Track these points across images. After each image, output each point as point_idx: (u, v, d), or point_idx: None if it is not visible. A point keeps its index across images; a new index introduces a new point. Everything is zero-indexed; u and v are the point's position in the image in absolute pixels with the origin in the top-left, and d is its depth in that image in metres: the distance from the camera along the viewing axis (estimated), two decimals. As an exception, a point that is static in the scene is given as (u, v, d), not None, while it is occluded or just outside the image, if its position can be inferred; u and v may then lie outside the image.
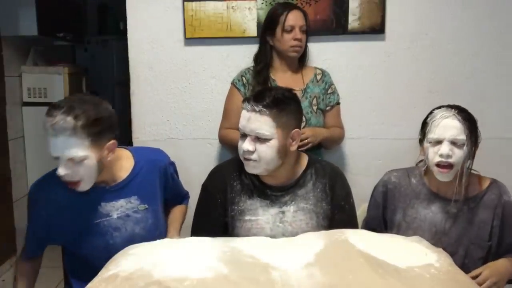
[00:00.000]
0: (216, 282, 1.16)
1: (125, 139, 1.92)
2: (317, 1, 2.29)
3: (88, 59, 4.43)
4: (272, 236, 1.52)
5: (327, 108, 2.15)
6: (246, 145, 1.50)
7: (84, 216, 1.51)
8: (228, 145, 2.14)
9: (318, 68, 2.20)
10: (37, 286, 1.64)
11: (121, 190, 1.55)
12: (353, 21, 2.31)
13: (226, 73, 2.37)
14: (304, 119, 2.02)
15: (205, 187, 1.66)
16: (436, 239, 1.55)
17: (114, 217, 1.53)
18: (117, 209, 1.54)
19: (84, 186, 1.45)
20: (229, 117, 2.12)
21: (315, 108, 2.10)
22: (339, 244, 1.36)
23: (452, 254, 1.45)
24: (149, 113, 2.43)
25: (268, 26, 2.11)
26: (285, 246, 1.39)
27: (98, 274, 1.26)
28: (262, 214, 1.56)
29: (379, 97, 2.38)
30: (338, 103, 2.18)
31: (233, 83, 2.17)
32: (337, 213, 1.60)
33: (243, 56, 2.34)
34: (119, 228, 1.53)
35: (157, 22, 2.37)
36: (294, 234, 1.53)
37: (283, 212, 1.57)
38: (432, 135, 1.53)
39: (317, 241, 1.38)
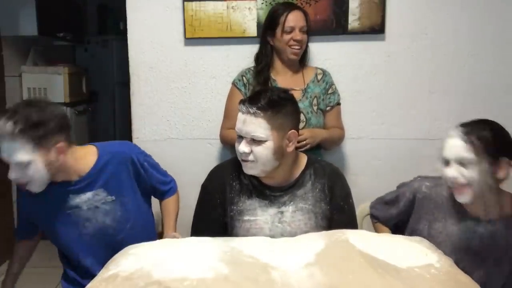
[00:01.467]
0: (216, 282, 1.16)
1: (126, 139, 1.93)
2: (317, 1, 2.29)
3: (88, 59, 4.44)
4: (271, 236, 1.51)
5: (327, 108, 2.15)
6: (242, 147, 1.51)
7: (57, 206, 1.58)
8: (229, 145, 2.15)
9: (319, 68, 2.20)
10: (38, 286, 1.64)
11: (86, 184, 1.59)
12: (353, 21, 2.32)
13: (226, 73, 2.38)
14: (304, 119, 2.02)
15: (204, 187, 1.66)
16: (458, 258, 1.47)
17: (84, 208, 1.59)
18: (85, 201, 1.59)
19: (35, 188, 1.49)
20: (230, 117, 2.12)
21: (315, 108, 2.10)
22: (339, 244, 1.36)
23: (471, 274, 1.37)
24: (149, 113, 2.43)
25: (269, 26, 2.11)
26: (285, 246, 1.39)
27: (98, 274, 1.26)
28: (261, 214, 1.57)
29: (379, 97, 2.38)
30: (338, 104, 2.18)
31: (233, 83, 2.17)
32: (336, 214, 1.60)
33: (243, 56, 2.34)
34: (90, 219, 1.59)
35: (157, 22, 2.37)
36: (293, 234, 1.53)
37: (282, 212, 1.57)
38: (442, 155, 1.49)
39: (317, 241, 1.38)
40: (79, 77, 3.71)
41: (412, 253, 1.33)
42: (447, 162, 1.46)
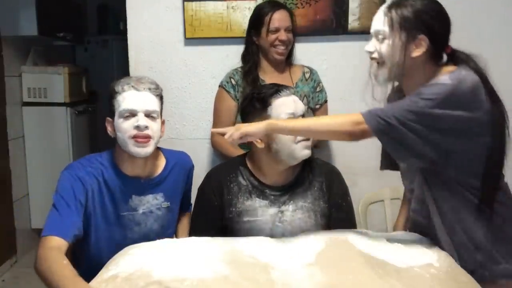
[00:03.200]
0: (216, 282, 1.16)
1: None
2: (317, 1, 2.29)
3: (88, 59, 4.43)
4: (272, 236, 1.51)
5: (317, 106, 2.14)
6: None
7: (114, 204, 1.53)
8: (219, 152, 2.13)
9: (305, 67, 2.19)
10: (37, 286, 1.64)
11: (152, 186, 1.58)
12: (353, 21, 2.31)
13: (226, 73, 2.37)
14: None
15: (201, 189, 1.66)
16: None
17: (139, 212, 1.56)
18: (144, 204, 1.56)
19: (149, 149, 1.50)
20: (220, 121, 2.09)
21: (305, 107, 2.09)
22: (339, 244, 1.36)
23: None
24: (149, 113, 2.42)
25: (254, 25, 2.09)
26: (285, 246, 1.39)
27: (98, 274, 1.26)
28: (261, 215, 1.56)
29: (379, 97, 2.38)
30: (326, 101, 2.18)
31: (221, 86, 2.14)
32: (334, 212, 1.61)
33: (243, 56, 2.34)
34: (140, 223, 1.56)
35: (157, 22, 2.37)
36: (293, 233, 1.53)
37: (282, 212, 1.57)
38: None
39: (317, 241, 1.38)
40: (79, 77, 3.70)
41: (412, 252, 1.33)
42: (370, 37, 1.40)
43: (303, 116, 1.56)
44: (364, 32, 2.32)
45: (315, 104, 2.14)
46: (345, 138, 1.41)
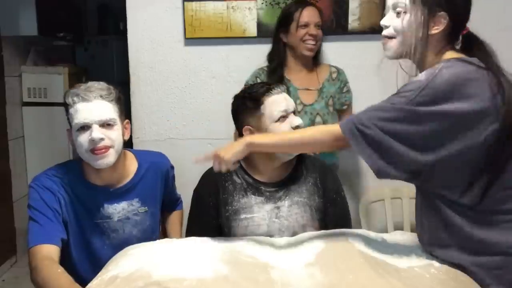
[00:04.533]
0: (216, 282, 1.16)
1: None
2: (317, 1, 2.28)
3: (88, 59, 4.43)
4: (269, 232, 1.52)
5: (344, 107, 2.13)
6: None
7: (88, 213, 1.50)
8: None
9: (332, 66, 2.18)
10: (37, 286, 1.63)
11: (124, 192, 1.54)
12: (353, 21, 2.31)
13: (226, 73, 2.38)
14: (321, 120, 2.04)
15: (196, 191, 1.67)
16: None
17: (114, 219, 1.52)
18: (119, 212, 1.53)
19: (110, 158, 1.44)
20: None
21: (331, 108, 2.08)
22: (339, 244, 1.36)
23: None
24: (149, 113, 2.43)
25: (282, 23, 2.10)
26: (285, 246, 1.39)
27: (98, 275, 1.26)
28: (258, 211, 1.57)
29: (379, 97, 2.37)
30: (351, 102, 2.17)
31: (246, 85, 2.14)
32: (329, 207, 1.62)
33: (243, 56, 2.34)
34: (117, 230, 1.53)
35: (157, 22, 2.37)
36: (290, 228, 1.54)
37: (278, 208, 1.57)
38: None
39: (317, 241, 1.38)
40: (79, 77, 3.70)
41: (412, 252, 1.33)
42: (387, 10, 1.34)
43: (294, 113, 1.57)
44: (364, 32, 2.32)
45: (342, 105, 2.13)
46: (328, 150, 1.37)
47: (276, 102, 1.53)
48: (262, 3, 2.31)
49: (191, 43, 2.38)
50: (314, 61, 2.16)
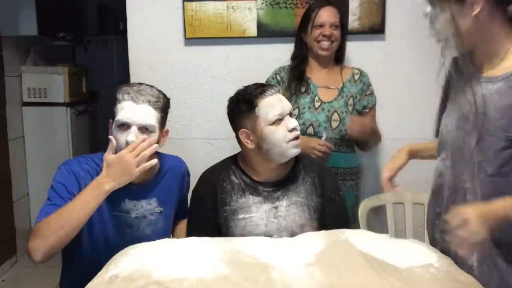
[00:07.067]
0: (216, 282, 1.16)
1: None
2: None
3: (88, 59, 4.44)
4: (267, 232, 1.53)
5: (366, 110, 2.13)
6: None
7: (108, 203, 1.51)
8: None
9: (356, 68, 2.18)
10: (37, 286, 1.63)
11: (146, 191, 1.57)
12: (353, 21, 2.32)
13: (226, 73, 2.38)
14: (338, 118, 2.04)
15: (194, 192, 1.67)
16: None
17: (132, 215, 1.55)
18: (138, 209, 1.56)
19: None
20: None
21: (350, 108, 2.08)
22: (339, 244, 1.36)
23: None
24: (149, 113, 2.42)
25: (303, 23, 2.10)
26: (285, 246, 1.39)
27: (98, 275, 1.26)
28: (256, 211, 1.57)
29: (379, 97, 2.38)
30: (374, 105, 2.17)
31: (267, 82, 2.14)
32: (328, 206, 1.62)
33: (243, 56, 2.34)
34: (133, 226, 1.56)
35: (157, 22, 2.37)
36: (288, 228, 1.55)
37: (276, 207, 1.58)
38: None
39: (317, 241, 1.38)
40: (79, 77, 3.71)
41: (412, 253, 1.33)
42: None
43: (290, 114, 1.56)
44: (364, 32, 2.33)
45: (363, 107, 2.13)
46: None
47: (271, 105, 1.53)
48: (262, 3, 2.31)
49: (191, 43, 2.38)
50: (336, 62, 2.16)
